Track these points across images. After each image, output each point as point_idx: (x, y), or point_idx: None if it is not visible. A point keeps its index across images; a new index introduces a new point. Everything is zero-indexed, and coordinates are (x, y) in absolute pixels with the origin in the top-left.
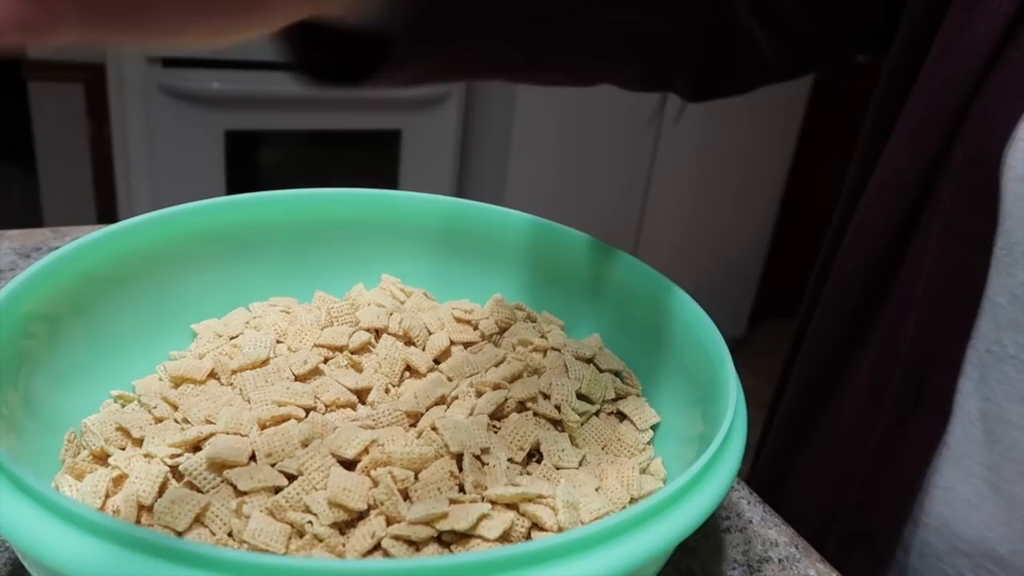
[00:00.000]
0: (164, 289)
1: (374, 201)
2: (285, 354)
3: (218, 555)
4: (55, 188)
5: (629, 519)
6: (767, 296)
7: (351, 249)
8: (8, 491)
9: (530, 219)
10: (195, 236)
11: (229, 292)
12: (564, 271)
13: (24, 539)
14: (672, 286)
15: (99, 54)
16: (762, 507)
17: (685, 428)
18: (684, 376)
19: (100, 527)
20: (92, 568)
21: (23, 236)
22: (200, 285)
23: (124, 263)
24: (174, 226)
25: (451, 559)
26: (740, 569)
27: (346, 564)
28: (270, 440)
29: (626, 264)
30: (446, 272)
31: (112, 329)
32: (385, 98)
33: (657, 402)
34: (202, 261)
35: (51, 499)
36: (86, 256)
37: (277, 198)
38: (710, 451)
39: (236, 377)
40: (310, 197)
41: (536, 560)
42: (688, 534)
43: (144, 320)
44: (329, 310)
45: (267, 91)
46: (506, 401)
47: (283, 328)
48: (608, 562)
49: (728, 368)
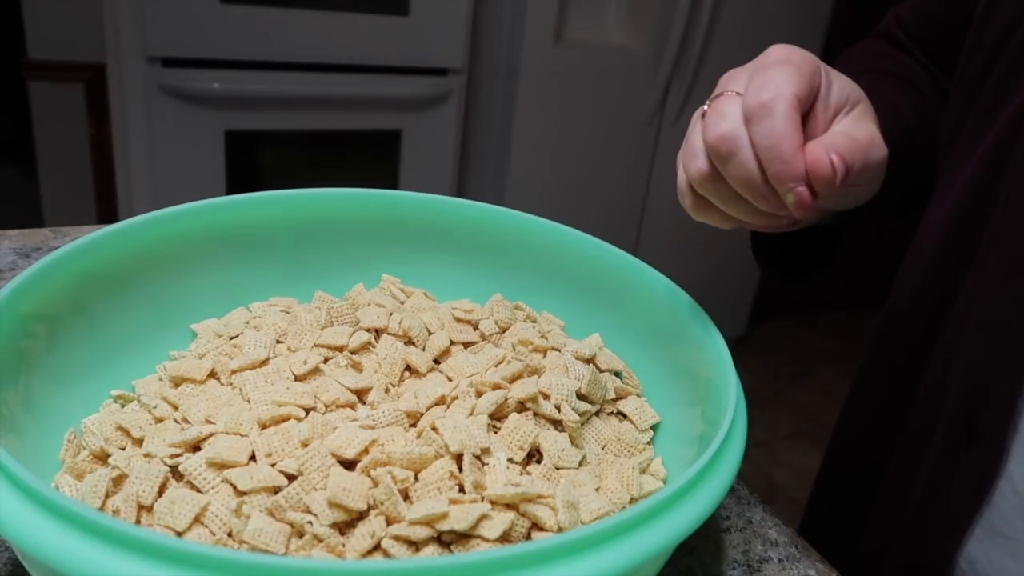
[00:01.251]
0: (164, 289)
1: (374, 201)
2: (285, 354)
3: (218, 555)
4: (55, 188)
5: (629, 519)
6: (767, 296)
7: (351, 249)
8: (8, 491)
9: (531, 219)
10: (195, 236)
11: (229, 292)
12: (564, 271)
13: (24, 539)
14: (672, 286)
15: (99, 54)
16: (762, 507)
17: (685, 428)
18: (684, 376)
19: (100, 527)
20: (91, 568)
21: (23, 236)
22: (200, 285)
23: (123, 263)
24: (174, 226)
25: (451, 559)
26: (740, 569)
27: (346, 564)
28: (270, 440)
29: (626, 264)
30: (446, 272)
31: (112, 329)
32: (385, 98)
33: (657, 402)
34: (202, 261)
35: (51, 499)
36: (86, 256)
37: (277, 198)
38: (710, 451)
39: (236, 377)
40: (310, 197)
41: (535, 560)
42: (688, 534)
43: (144, 320)
44: (329, 310)
45: (267, 91)
46: (506, 401)
47: (283, 328)
48: (608, 562)
49: (728, 368)
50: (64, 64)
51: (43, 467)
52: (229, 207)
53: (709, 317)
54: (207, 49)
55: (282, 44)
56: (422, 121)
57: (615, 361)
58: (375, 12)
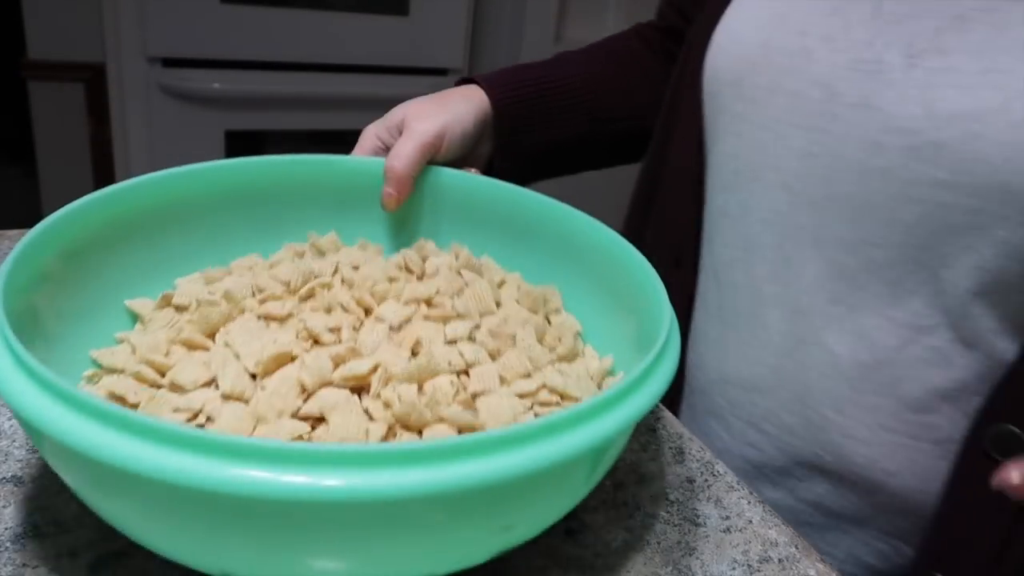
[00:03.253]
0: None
1: (321, 166)
2: (255, 308)
3: (231, 440)
4: (55, 188)
5: (625, 386)
6: None
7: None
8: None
9: (447, 171)
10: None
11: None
12: (483, 214)
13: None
14: (587, 218)
15: (99, 54)
16: (762, 507)
17: (624, 337)
18: (611, 290)
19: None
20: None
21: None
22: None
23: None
24: (119, 203)
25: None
26: (740, 569)
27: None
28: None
29: (538, 201)
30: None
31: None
32: (385, 98)
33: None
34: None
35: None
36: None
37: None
38: (659, 343)
39: (221, 335)
40: (270, 164)
41: (568, 423)
42: (655, 403)
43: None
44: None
45: (267, 91)
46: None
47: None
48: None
49: (655, 282)
50: (64, 64)
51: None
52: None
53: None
54: (207, 49)
55: (282, 44)
56: None
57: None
58: (375, 12)
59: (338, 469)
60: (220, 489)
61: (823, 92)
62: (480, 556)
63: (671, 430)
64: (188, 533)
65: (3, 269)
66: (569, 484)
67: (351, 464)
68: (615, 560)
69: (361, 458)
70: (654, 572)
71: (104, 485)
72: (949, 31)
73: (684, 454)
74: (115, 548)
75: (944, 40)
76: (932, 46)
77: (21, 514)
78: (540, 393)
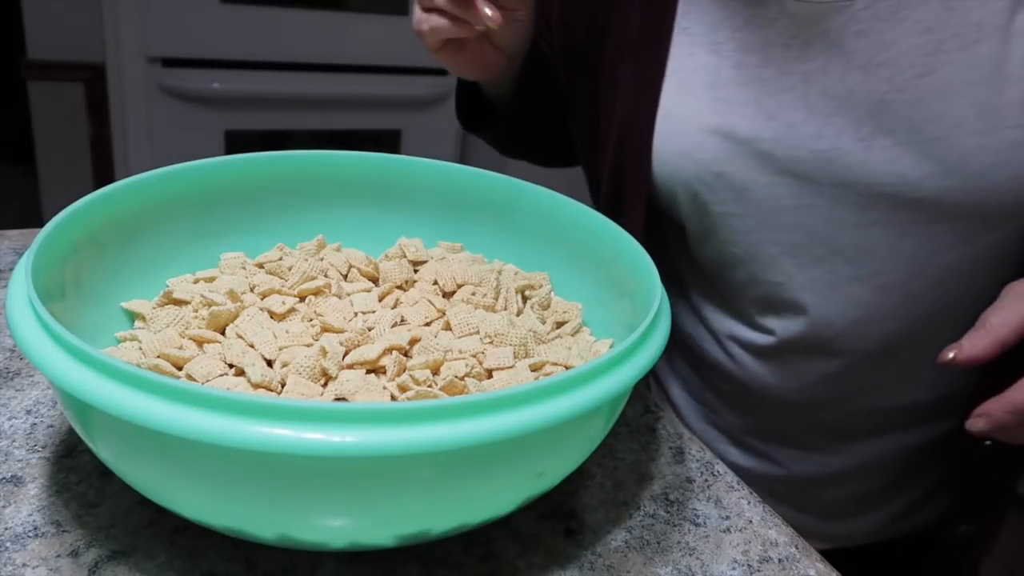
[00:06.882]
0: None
1: (316, 162)
2: (257, 302)
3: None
4: (55, 188)
5: (624, 351)
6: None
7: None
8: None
9: (430, 163)
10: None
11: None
12: (473, 203)
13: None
14: (576, 203)
15: (99, 54)
16: (762, 507)
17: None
18: (606, 273)
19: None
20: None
21: (23, 236)
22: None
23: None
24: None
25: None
26: (740, 569)
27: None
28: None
29: (529, 190)
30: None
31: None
32: (385, 98)
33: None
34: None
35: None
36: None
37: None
38: (650, 316)
39: (232, 327)
40: (264, 159)
41: (578, 383)
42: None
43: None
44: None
45: (267, 91)
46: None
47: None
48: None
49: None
50: (64, 64)
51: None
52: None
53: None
54: (207, 49)
55: (282, 44)
56: (422, 121)
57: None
58: (375, 12)
59: (389, 424)
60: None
61: (798, 179)
62: (512, 504)
63: (671, 430)
64: (246, 497)
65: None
66: (591, 430)
67: (404, 420)
68: (615, 560)
69: (414, 414)
70: (654, 572)
71: (143, 450)
72: (882, 114)
73: (684, 454)
74: (115, 548)
75: (881, 121)
76: (876, 128)
77: (21, 514)
78: (546, 368)
